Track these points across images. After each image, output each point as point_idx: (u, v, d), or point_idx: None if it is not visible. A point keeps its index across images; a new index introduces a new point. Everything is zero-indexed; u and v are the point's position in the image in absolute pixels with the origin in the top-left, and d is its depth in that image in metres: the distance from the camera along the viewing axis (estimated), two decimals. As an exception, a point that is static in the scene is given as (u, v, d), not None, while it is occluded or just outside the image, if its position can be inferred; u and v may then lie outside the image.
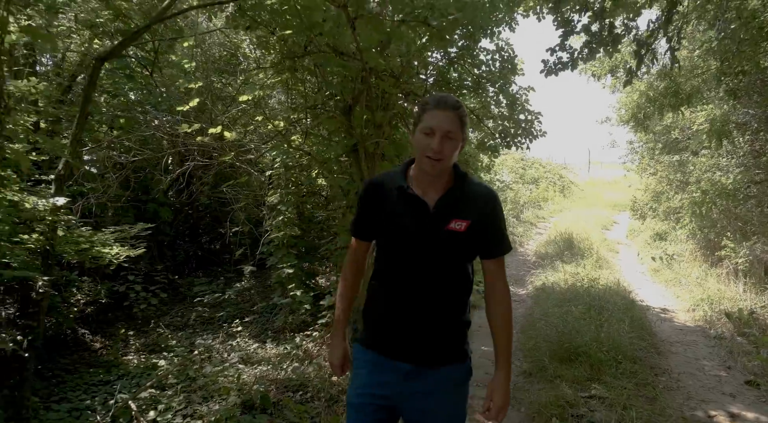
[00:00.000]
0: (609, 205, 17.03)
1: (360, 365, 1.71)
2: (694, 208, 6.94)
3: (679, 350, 4.62)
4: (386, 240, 1.67)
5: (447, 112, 1.53)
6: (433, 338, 1.63)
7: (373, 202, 1.67)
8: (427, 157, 1.53)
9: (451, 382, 1.66)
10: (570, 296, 5.71)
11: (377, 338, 1.69)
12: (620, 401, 3.43)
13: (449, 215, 1.60)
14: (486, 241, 1.65)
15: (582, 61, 4.22)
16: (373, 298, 1.73)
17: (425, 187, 1.61)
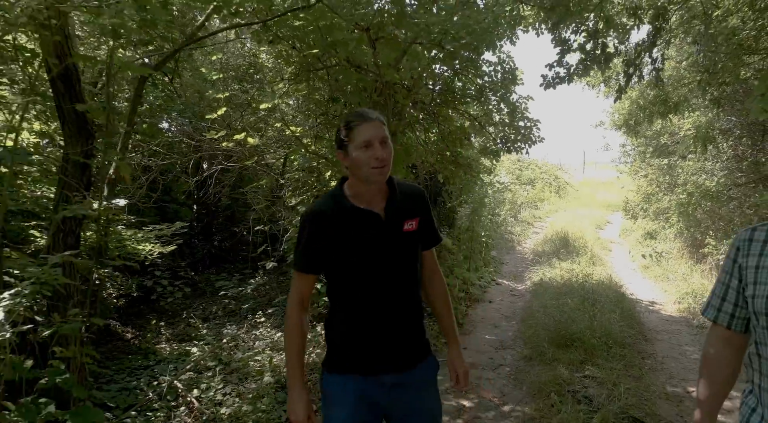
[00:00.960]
0: (603, 205, 17.55)
1: (340, 396, 1.66)
2: (681, 208, 7.44)
3: (664, 338, 5.10)
4: (348, 262, 1.64)
5: (375, 122, 1.58)
6: (408, 341, 1.70)
7: (321, 231, 1.62)
8: (373, 168, 1.54)
9: (428, 376, 1.73)
10: (565, 290, 6.18)
11: (357, 360, 1.66)
12: (610, 379, 3.89)
13: (400, 218, 1.65)
14: (427, 233, 1.75)
15: (577, 76, 4.67)
16: (343, 321, 1.69)
17: (368, 201, 1.64)
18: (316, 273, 1.70)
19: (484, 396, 4.02)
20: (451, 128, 6.28)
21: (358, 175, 1.59)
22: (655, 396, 3.75)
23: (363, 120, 1.57)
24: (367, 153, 1.54)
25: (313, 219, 1.64)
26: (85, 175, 2.49)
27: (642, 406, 3.54)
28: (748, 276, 1.30)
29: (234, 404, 3.72)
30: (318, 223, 1.62)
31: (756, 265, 1.28)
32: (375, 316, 1.64)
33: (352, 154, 1.56)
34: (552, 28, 4.36)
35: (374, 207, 1.64)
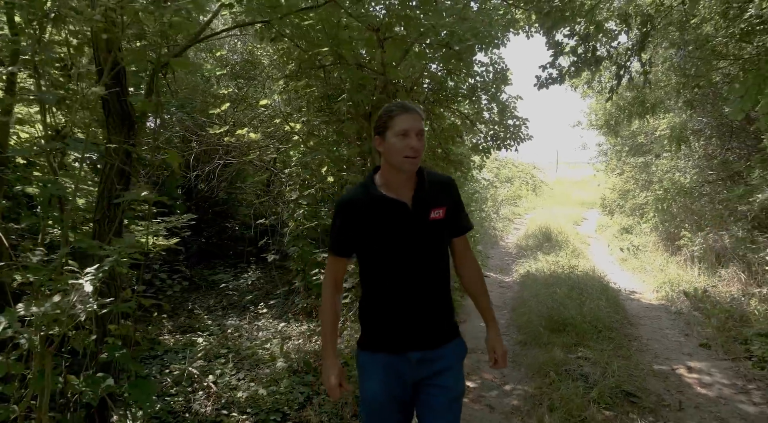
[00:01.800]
0: (578, 203, 18.17)
1: (372, 370, 1.77)
2: (657, 204, 7.89)
3: (646, 322, 5.46)
4: (377, 249, 1.72)
5: (415, 115, 1.67)
6: (435, 322, 1.77)
7: (352, 218, 1.72)
8: (406, 157, 1.63)
9: (455, 357, 1.80)
10: (553, 281, 6.50)
11: (386, 339, 1.76)
12: (602, 359, 4.19)
13: (428, 207, 1.72)
14: (456, 220, 1.81)
15: (569, 77, 4.98)
16: (373, 304, 1.79)
17: (397, 189, 1.71)
18: (347, 256, 1.81)
19: (485, 377, 4.27)
20: (443, 126, 6.51)
21: (391, 162, 1.67)
22: (644, 373, 4.07)
23: (404, 110, 1.67)
24: (403, 142, 1.62)
25: (344, 207, 1.74)
26: (128, 164, 2.62)
27: (633, 382, 3.84)
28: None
29: (249, 388, 3.86)
30: (349, 211, 1.72)
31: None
32: (401, 299, 1.73)
33: (389, 140, 1.65)
34: (546, 32, 4.65)
35: (403, 196, 1.71)
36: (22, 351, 1.96)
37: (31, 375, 1.92)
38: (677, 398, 3.71)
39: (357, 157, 5.85)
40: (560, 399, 3.57)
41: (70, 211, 2.10)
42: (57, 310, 1.66)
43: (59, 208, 2.29)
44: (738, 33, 5.88)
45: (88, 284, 1.75)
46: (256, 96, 6.93)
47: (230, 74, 6.69)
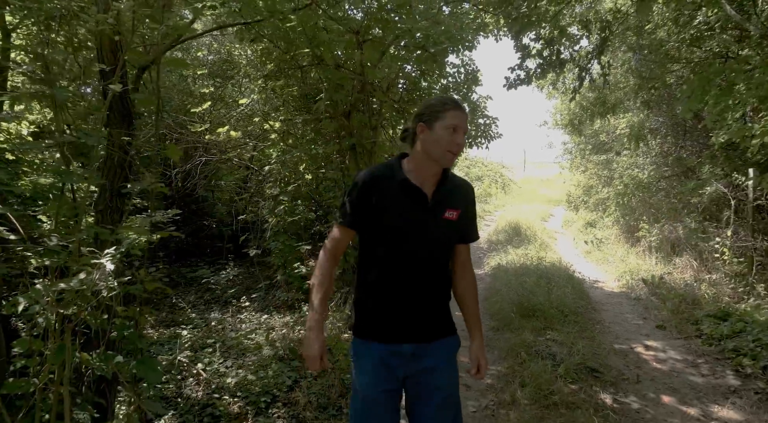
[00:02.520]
0: (545, 200, 18.81)
1: (365, 359, 1.75)
2: (618, 199, 8.38)
3: (608, 308, 5.86)
4: (388, 231, 1.71)
5: (464, 113, 1.69)
6: (430, 316, 1.77)
7: (372, 193, 1.69)
8: (449, 151, 1.64)
9: (448, 353, 1.80)
10: (522, 271, 6.86)
11: (382, 328, 1.74)
12: (568, 340, 4.53)
13: (444, 205, 1.73)
14: (467, 227, 1.82)
15: (536, 78, 5.31)
16: (372, 289, 1.76)
17: (422, 181, 1.71)
18: (354, 228, 1.75)
19: (462, 360, 4.54)
20: (417, 124, 6.77)
21: (430, 152, 1.66)
22: (606, 352, 4.43)
23: (458, 107, 1.67)
24: (450, 136, 1.63)
25: (367, 180, 1.71)
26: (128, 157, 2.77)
27: (596, 359, 4.18)
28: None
29: (238, 375, 4.03)
30: (370, 185, 1.69)
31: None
32: (401, 287, 1.71)
33: (437, 131, 1.63)
34: (514, 36, 4.96)
35: (426, 187, 1.70)
36: (40, 329, 2.11)
37: (49, 351, 2.07)
38: (635, 372, 4.07)
39: (335, 154, 6.05)
40: (530, 376, 3.86)
41: (83, 199, 2.25)
42: (83, 287, 1.82)
43: (71, 197, 2.42)
44: (688, 38, 6.36)
45: (109, 263, 1.92)
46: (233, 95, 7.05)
47: (208, 73, 6.78)
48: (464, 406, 3.60)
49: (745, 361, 3.99)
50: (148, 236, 2.28)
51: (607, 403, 3.52)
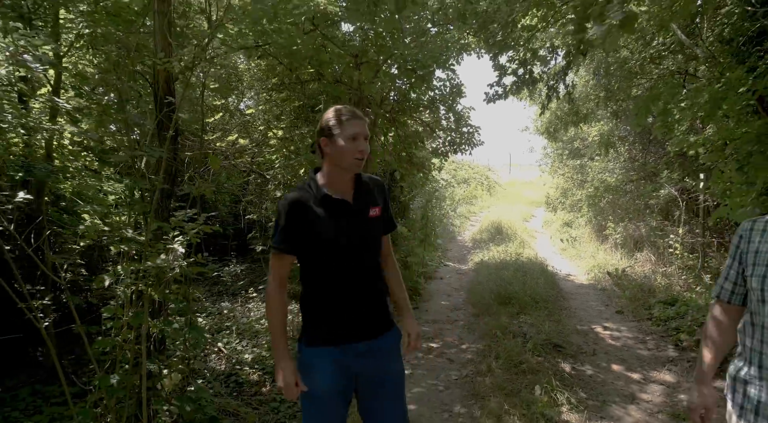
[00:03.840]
0: (528, 202, 19.63)
1: (321, 365, 1.81)
2: (589, 200, 9.15)
3: (576, 297, 6.60)
4: (322, 245, 1.78)
5: (363, 120, 1.79)
6: (376, 313, 1.88)
7: (298, 216, 1.78)
8: (356, 158, 1.75)
9: (392, 343, 1.92)
10: (502, 266, 7.58)
11: (333, 333, 1.81)
12: (538, 322, 5.24)
13: (367, 205, 1.85)
14: (385, 219, 1.94)
15: (512, 94, 6.01)
16: (318, 300, 1.83)
17: (339, 189, 1.82)
18: (293, 254, 1.84)
19: (447, 340, 5.24)
20: (407, 132, 7.46)
21: (339, 163, 1.77)
22: (569, 331, 5.15)
23: (354, 116, 1.78)
24: (353, 145, 1.73)
25: (291, 206, 1.78)
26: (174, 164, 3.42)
27: (560, 337, 4.89)
28: (747, 259, 1.52)
29: (253, 352, 4.67)
30: (295, 210, 1.77)
31: (755, 250, 1.50)
32: (346, 292, 1.81)
33: (338, 143, 1.73)
34: (492, 57, 5.66)
35: (344, 194, 1.82)
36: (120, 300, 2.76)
37: (127, 317, 2.72)
38: (593, 347, 4.80)
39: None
40: (503, 351, 4.56)
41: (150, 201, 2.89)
42: (165, 264, 2.47)
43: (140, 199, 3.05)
44: (649, 57, 7.15)
45: (180, 247, 2.57)
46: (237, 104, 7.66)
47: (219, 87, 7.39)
48: (447, 376, 4.30)
49: (683, 336, 4.74)
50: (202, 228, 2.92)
51: (566, 370, 4.23)
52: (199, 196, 3.25)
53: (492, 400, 3.66)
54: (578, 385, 4.00)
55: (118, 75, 2.98)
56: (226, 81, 7.55)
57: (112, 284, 2.75)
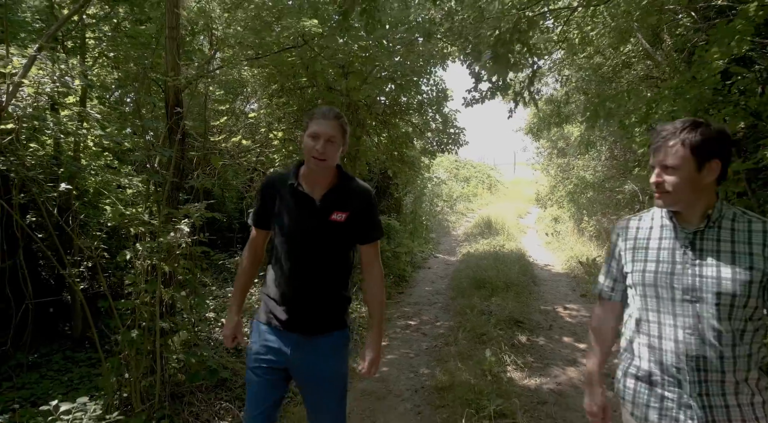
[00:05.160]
0: (527, 199, 20.16)
1: (257, 337, 1.92)
2: (569, 196, 9.73)
3: (548, 284, 7.22)
4: (279, 229, 1.86)
5: (330, 121, 1.79)
6: (317, 312, 1.88)
7: (270, 196, 1.88)
8: (313, 157, 1.77)
9: (334, 346, 1.91)
10: (484, 256, 8.21)
11: (272, 314, 1.89)
12: (505, 304, 5.86)
13: (332, 208, 1.84)
14: (363, 229, 1.91)
15: (487, 99, 6.63)
16: (269, 281, 1.92)
17: (313, 185, 1.85)
18: (261, 228, 1.97)
19: (423, 318, 5.89)
20: (398, 133, 8.11)
21: (305, 159, 1.84)
22: (533, 311, 5.78)
23: (322, 116, 1.81)
24: (312, 143, 1.77)
25: (265, 186, 1.94)
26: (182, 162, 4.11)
27: (522, 315, 5.51)
28: (626, 256, 1.55)
29: (252, 327, 5.36)
30: (268, 191, 1.91)
31: (632, 247, 1.54)
32: (290, 283, 1.86)
33: (304, 140, 1.81)
34: (468, 65, 6.28)
35: (315, 192, 1.85)
36: (138, 271, 3.46)
37: (143, 284, 3.42)
38: (550, 323, 5.42)
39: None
40: (470, 326, 5.20)
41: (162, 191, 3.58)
42: (174, 241, 3.16)
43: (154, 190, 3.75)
44: (620, 63, 7.74)
45: (186, 227, 3.25)
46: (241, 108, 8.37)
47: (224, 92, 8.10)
48: (419, 346, 4.94)
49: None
50: (204, 214, 3.60)
51: (522, 341, 4.87)
52: (202, 188, 3.92)
53: (451, 363, 4.30)
54: (529, 352, 4.63)
55: (136, 88, 3.68)
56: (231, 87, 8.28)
57: (132, 258, 3.44)
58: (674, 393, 1.44)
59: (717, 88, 4.17)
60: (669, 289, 1.44)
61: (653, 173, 1.46)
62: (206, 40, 6.04)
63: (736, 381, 1.39)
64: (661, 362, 1.46)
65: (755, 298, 1.37)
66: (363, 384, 4.01)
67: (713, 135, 1.39)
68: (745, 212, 1.44)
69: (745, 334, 1.39)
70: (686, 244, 1.44)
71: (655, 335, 1.47)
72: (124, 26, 4.66)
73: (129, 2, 4.38)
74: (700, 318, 1.39)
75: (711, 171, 1.40)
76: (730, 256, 1.38)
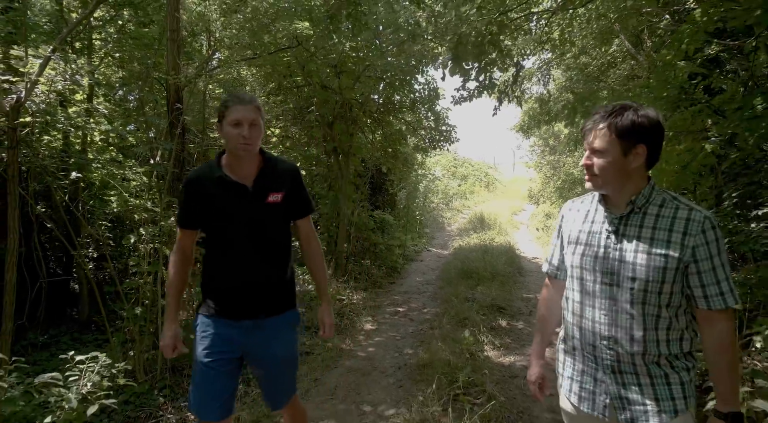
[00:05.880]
0: (524, 197, 20.44)
1: (205, 331, 1.89)
2: (558, 192, 10.03)
3: (533, 275, 7.52)
4: (216, 223, 1.84)
5: (248, 106, 1.76)
6: (267, 295, 1.89)
7: (195, 195, 1.85)
8: (240, 144, 1.75)
9: (284, 326, 1.95)
10: (474, 249, 8.51)
11: (220, 307, 1.88)
12: (489, 292, 6.16)
13: (266, 191, 1.85)
14: (296, 205, 1.95)
15: (475, 97, 6.92)
16: (212, 275, 1.90)
17: (240, 172, 1.83)
18: (192, 229, 1.95)
19: (412, 306, 6.19)
20: (391, 131, 8.40)
21: (228, 148, 1.81)
22: (515, 298, 6.08)
23: (238, 102, 1.78)
24: (236, 130, 1.75)
25: (188, 184, 1.88)
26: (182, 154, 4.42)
27: (504, 302, 5.82)
28: (566, 237, 1.59)
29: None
30: (193, 188, 1.86)
31: (570, 228, 1.57)
32: (237, 272, 1.86)
33: (225, 129, 1.77)
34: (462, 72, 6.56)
35: (245, 178, 1.84)
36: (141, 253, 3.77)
37: (146, 266, 3.73)
38: (530, 310, 5.72)
39: (323, 155, 7.70)
40: (454, 311, 5.50)
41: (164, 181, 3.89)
42: (174, 226, 3.47)
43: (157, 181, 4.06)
44: (606, 63, 8.03)
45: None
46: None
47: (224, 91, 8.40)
48: (405, 330, 5.24)
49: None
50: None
51: (502, 325, 5.17)
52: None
53: (433, 344, 4.61)
54: (508, 334, 4.93)
55: (140, 86, 3.99)
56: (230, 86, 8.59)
57: (136, 242, 3.76)
58: (591, 368, 1.50)
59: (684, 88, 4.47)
60: (592, 271, 1.47)
61: (584, 156, 1.50)
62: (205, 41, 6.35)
63: (645, 364, 1.42)
64: (581, 339, 1.51)
65: (669, 284, 1.38)
66: (350, 362, 4.33)
67: (640, 120, 1.38)
68: (675, 198, 1.43)
69: (660, 320, 1.40)
70: (611, 228, 1.46)
71: (577, 314, 1.52)
72: (129, 28, 4.97)
73: (133, 6, 4.69)
74: (615, 301, 1.43)
75: (637, 156, 1.39)
76: (648, 243, 1.39)
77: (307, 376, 3.95)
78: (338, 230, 6.98)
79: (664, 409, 1.41)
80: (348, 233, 7.14)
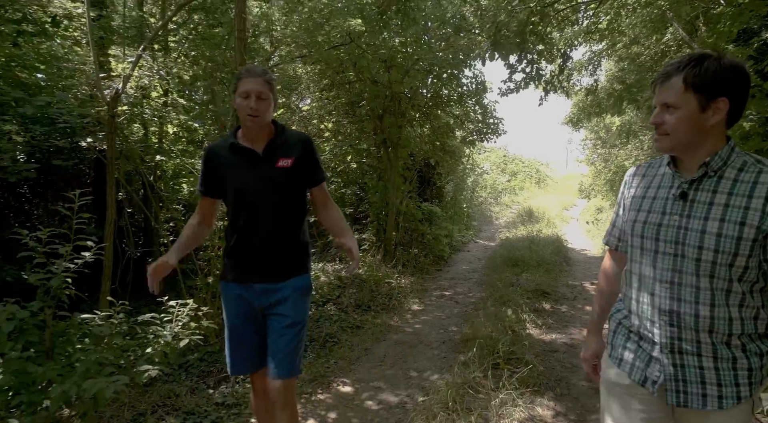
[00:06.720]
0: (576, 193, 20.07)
1: (227, 297, 2.02)
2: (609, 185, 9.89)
3: (580, 265, 7.55)
4: (232, 189, 1.93)
5: (257, 79, 1.85)
6: (278, 260, 1.96)
7: (210, 162, 1.96)
8: (248, 115, 1.84)
9: (296, 290, 1.99)
10: (521, 240, 8.61)
11: (235, 272, 1.99)
12: (534, 278, 6.29)
13: (276, 156, 1.94)
14: (309, 172, 2.01)
15: (522, 88, 7.05)
16: (230, 241, 2.00)
17: (252, 141, 1.94)
18: (211, 196, 2.04)
19: (458, 290, 6.43)
20: (439, 124, 8.63)
21: (240, 119, 1.91)
22: (560, 285, 6.18)
23: (248, 75, 1.87)
24: (245, 102, 1.84)
25: (206, 154, 2.00)
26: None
27: (549, 288, 5.94)
28: (626, 204, 1.46)
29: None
30: (210, 157, 1.98)
31: (633, 195, 1.43)
32: (249, 236, 1.94)
33: (236, 101, 1.87)
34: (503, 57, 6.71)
35: (257, 146, 1.93)
36: (214, 229, 4.21)
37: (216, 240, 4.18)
38: (575, 295, 5.82)
39: (373, 147, 8.05)
40: (498, 295, 5.69)
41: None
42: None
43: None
44: (658, 52, 7.94)
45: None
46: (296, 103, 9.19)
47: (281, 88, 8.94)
48: (451, 311, 5.50)
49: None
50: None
51: (545, 307, 5.32)
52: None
53: (477, 321, 4.84)
54: (550, 316, 5.08)
55: (211, 81, 4.47)
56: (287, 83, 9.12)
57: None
58: (648, 345, 1.36)
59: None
60: (653, 240, 1.32)
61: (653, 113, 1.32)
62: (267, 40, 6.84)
63: (712, 343, 1.26)
64: (638, 314, 1.38)
65: (745, 257, 1.21)
66: (397, 336, 4.64)
67: (722, 70, 1.20)
68: (760, 161, 1.25)
69: (730, 295, 1.24)
70: (678, 193, 1.29)
71: (635, 287, 1.39)
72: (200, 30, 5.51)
73: (204, 10, 5.21)
74: (679, 273, 1.28)
75: (717, 111, 1.22)
76: (722, 210, 1.22)
77: (359, 346, 4.30)
78: (387, 219, 7.31)
79: (724, 395, 1.27)
80: (396, 222, 7.44)
